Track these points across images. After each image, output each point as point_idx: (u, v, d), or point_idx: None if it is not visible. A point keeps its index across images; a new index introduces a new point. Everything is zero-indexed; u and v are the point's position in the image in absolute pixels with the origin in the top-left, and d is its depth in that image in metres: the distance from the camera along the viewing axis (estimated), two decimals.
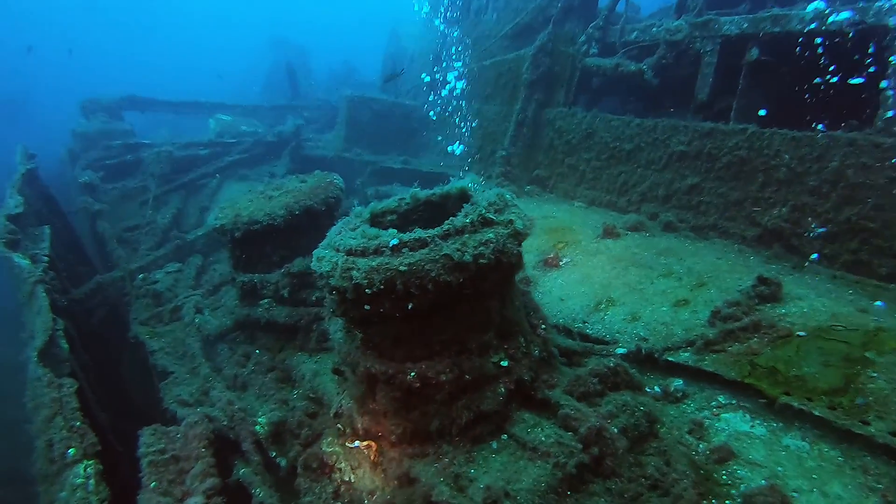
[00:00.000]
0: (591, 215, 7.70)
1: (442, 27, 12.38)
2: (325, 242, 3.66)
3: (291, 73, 18.77)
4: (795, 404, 3.60)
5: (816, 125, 5.80)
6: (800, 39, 6.22)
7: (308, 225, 5.78)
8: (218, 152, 12.61)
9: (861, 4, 5.73)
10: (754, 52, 6.66)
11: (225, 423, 4.72)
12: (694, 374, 4.20)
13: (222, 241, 6.45)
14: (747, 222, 6.37)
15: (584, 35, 8.75)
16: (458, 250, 3.21)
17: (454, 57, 11.31)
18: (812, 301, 4.53)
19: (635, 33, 8.23)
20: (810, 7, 6.10)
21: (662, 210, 7.20)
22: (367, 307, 3.34)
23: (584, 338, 4.90)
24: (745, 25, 6.71)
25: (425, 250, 3.21)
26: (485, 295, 3.60)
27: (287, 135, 13.06)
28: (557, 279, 5.98)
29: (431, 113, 10.45)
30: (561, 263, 6.23)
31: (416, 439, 3.64)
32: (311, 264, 3.59)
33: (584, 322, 5.12)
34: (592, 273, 5.86)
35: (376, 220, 4.05)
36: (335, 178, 6.21)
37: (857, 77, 5.91)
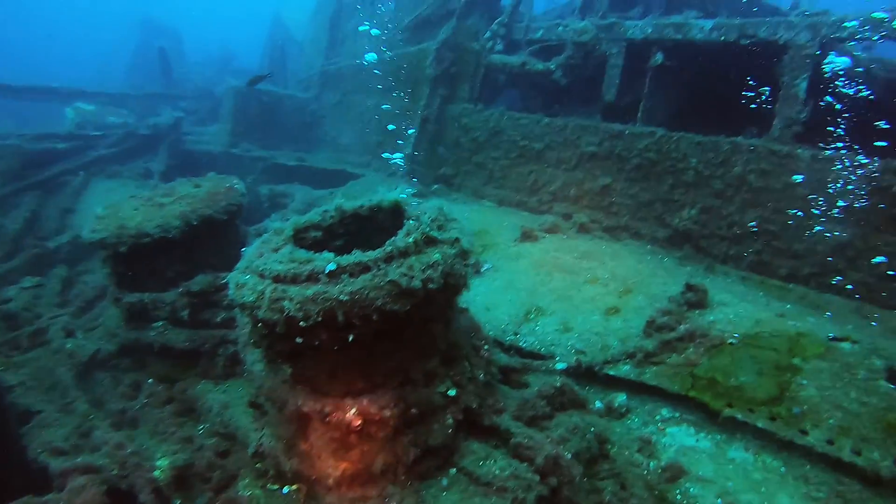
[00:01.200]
0: (503, 216, 7.59)
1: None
2: (242, 265, 3.18)
3: (164, 57, 17.12)
4: (739, 416, 3.65)
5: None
6: (702, 47, 6.44)
7: (207, 236, 5.14)
8: (80, 146, 11.14)
9: (753, 20, 6.01)
10: (659, 57, 6.82)
11: (115, 472, 4.03)
12: (634, 387, 4.18)
13: (100, 254, 5.60)
14: (658, 223, 6.54)
15: (489, 31, 8.60)
16: (406, 275, 2.89)
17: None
18: (736, 307, 4.67)
19: (541, 32, 8.19)
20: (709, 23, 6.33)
21: (574, 210, 7.24)
22: (299, 339, 2.93)
23: (519, 352, 4.74)
24: (649, 31, 6.86)
25: (367, 276, 2.86)
26: (430, 319, 3.31)
27: (164, 127, 11.83)
28: (480, 286, 5.78)
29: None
30: (482, 269, 6.05)
31: (357, 481, 3.28)
32: (230, 292, 3.11)
33: (516, 334, 4.97)
34: (516, 280, 5.73)
35: (298, 237, 3.60)
36: (235, 183, 5.59)
37: (749, 90, 6.23)
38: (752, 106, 6.15)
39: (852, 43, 5.62)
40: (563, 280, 5.53)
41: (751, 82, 6.16)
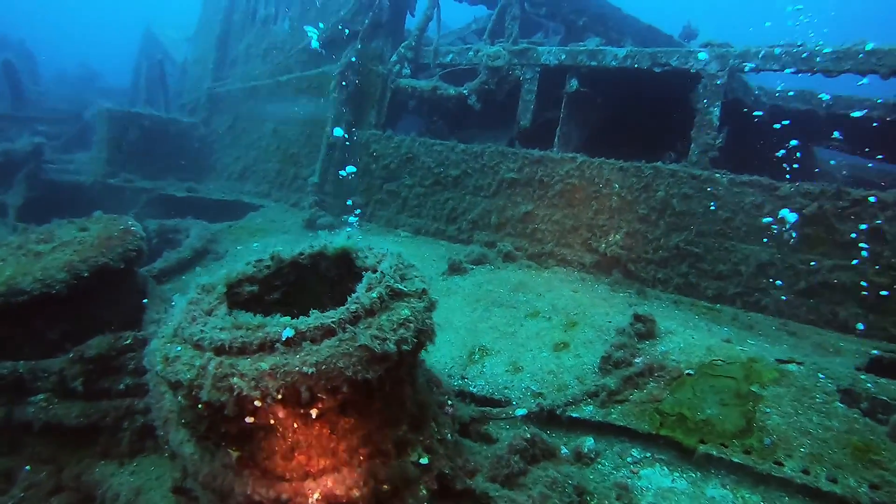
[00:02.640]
0: (423, 247, 7.28)
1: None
2: (168, 332, 2.63)
3: (12, 74, 15.15)
4: (714, 453, 3.55)
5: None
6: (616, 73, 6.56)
7: (102, 289, 4.36)
8: None
9: (669, 49, 6.21)
10: (574, 83, 6.86)
11: None
12: (600, 428, 3.98)
13: None
14: (584, 249, 6.51)
15: (396, 55, 8.32)
16: (377, 338, 2.50)
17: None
18: (682, 335, 4.64)
19: (451, 56, 8.04)
20: (622, 51, 6.46)
21: (497, 238, 7.08)
22: (249, 419, 2.44)
23: (471, 398, 4.41)
24: (563, 57, 6.90)
25: (333, 341, 2.45)
26: (399, 381, 2.92)
27: (20, 154, 10.31)
28: None
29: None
30: None
31: None
32: (157, 368, 2.53)
33: (463, 378, 4.63)
34: (452, 317, 5.40)
35: (232, 293, 3.07)
36: (131, 224, 4.81)
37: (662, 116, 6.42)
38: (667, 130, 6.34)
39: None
40: (503, 315, 5.29)
41: (663, 109, 6.34)
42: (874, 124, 7.55)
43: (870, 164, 10.21)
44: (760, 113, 7.41)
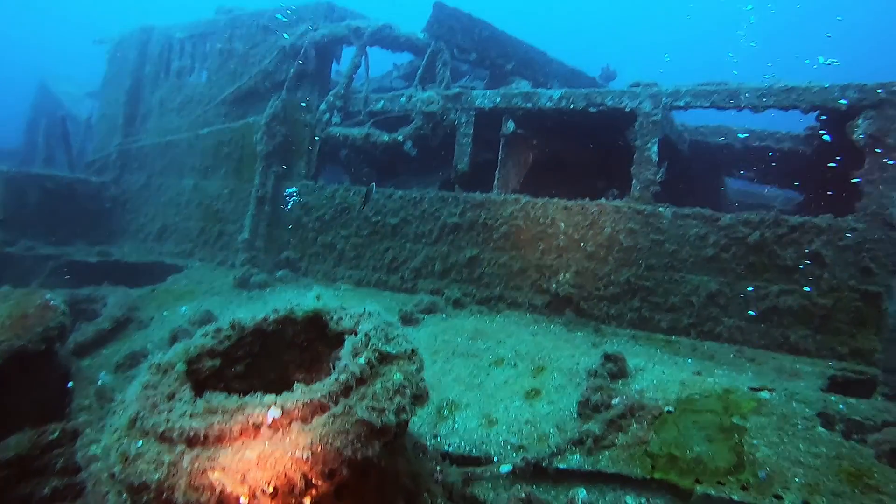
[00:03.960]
0: (367, 299, 6.93)
1: None
2: (122, 424, 2.24)
3: None
4: (713, 493, 3.41)
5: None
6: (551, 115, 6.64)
7: (18, 377, 3.75)
8: None
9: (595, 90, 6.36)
10: (510, 125, 6.89)
11: None
12: (589, 478, 3.76)
13: None
14: (534, 290, 6.41)
15: (325, 103, 8.11)
16: (374, 409, 2.22)
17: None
18: (653, 371, 4.56)
19: (382, 102, 7.91)
20: (557, 93, 6.57)
21: (442, 285, 6.87)
22: None
23: (448, 457, 4.08)
24: (498, 100, 6.93)
25: (325, 418, 2.16)
26: (393, 454, 2.62)
27: None
28: None
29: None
30: None
31: None
32: (115, 469, 2.11)
33: (436, 436, 4.30)
34: None
35: (193, 371, 2.68)
36: (49, 298, 4.22)
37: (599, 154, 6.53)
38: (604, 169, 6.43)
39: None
40: (466, 365, 5.03)
41: (599, 146, 6.46)
42: (770, 154, 8.08)
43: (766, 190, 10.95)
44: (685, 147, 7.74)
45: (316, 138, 8.15)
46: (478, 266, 6.75)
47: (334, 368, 2.42)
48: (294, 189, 7.87)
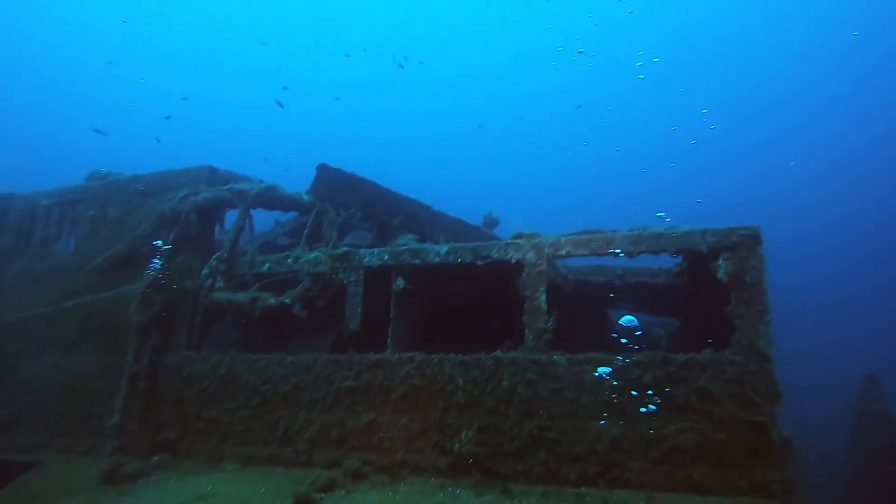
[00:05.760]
0: (257, 480, 6.25)
1: None
2: None
3: None
4: None
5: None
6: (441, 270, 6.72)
7: None
8: None
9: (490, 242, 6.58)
10: (400, 283, 6.88)
11: None
12: None
13: None
14: (437, 452, 6.08)
15: (207, 268, 7.77)
16: None
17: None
18: None
19: (268, 265, 7.71)
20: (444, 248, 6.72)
21: (340, 455, 6.38)
22: None
23: None
24: (387, 258, 6.95)
25: None
26: None
27: None
28: None
29: None
30: None
31: None
32: None
33: None
34: None
35: None
36: None
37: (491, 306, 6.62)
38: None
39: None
40: None
41: (491, 297, 6.54)
42: (647, 288, 8.63)
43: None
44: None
45: (198, 306, 7.70)
46: (377, 430, 6.36)
47: None
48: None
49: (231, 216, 8.39)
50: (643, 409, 5.53)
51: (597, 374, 5.68)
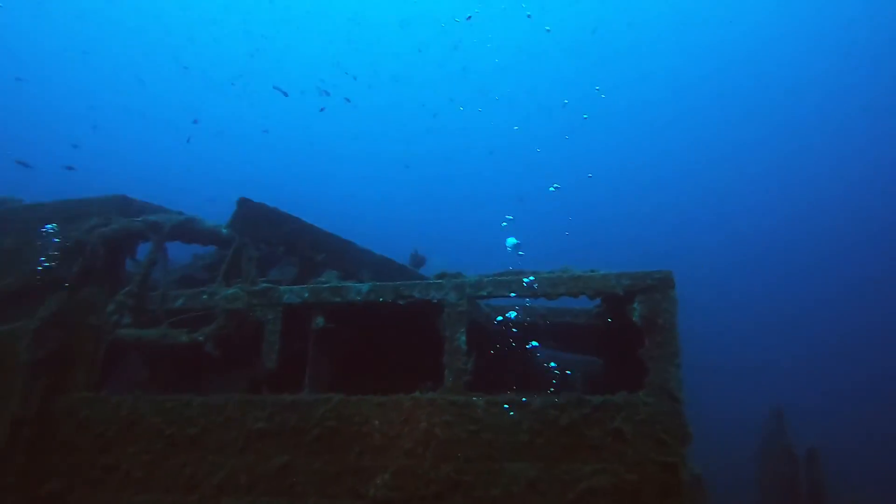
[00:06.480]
0: None
1: None
2: None
3: None
4: None
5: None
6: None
7: None
8: None
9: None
10: (320, 321, 6.71)
11: None
12: None
13: None
14: (352, 497, 5.87)
15: (114, 303, 7.33)
16: None
17: None
18: None
19: (181, 300, 7.36)
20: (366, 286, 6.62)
21: (250, 501, 6.06)
22: None
23: None
24: (307, 295, 6.78)
25: None
26: None
27: None
28: None
29: None
30: None
31: None
32: None
33: None
34: None
35: None
36: None
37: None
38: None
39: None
40: None
41: (413, 338, 6.48)
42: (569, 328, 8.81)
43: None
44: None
45: (101, 343, 7.22)
46: (289, 475, 6.09)
47: None
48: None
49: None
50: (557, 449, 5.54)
51: (512, 414, 5.67)
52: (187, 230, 7.93)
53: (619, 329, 7.12)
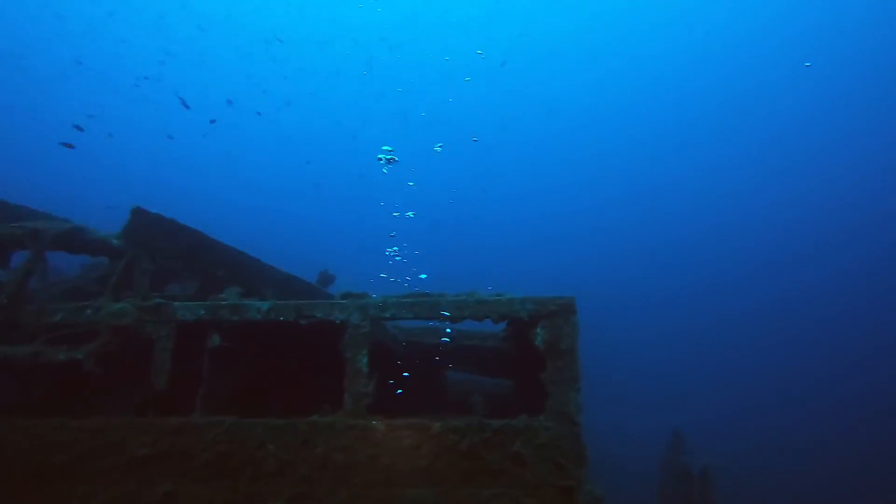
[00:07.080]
0: None
1: None
2: None
3: None
4: None
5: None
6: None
7: None
8: None
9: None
10: (215, 339, 6.37)
11: None
12: None
13: None
14: None
15: None
16: None
17: None
18: None
19: (61, 315, 6.77)
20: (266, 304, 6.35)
21: None
22: None
23: None
24: (202, 312, 6.43)
25: None
26: None
27: None
28: None
29: None
30: None
31: None
32: None
33: None
34: None
35: None
36: None
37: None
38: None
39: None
40: None
41: (315, 358, 6.26)
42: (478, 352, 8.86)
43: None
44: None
45: None
46: (174, 503, 5.68)
47: None
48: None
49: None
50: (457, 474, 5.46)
51: (411, 439, 5.57)
52: (75, 239, 7.36)
53: (526, 352, 7.20)
